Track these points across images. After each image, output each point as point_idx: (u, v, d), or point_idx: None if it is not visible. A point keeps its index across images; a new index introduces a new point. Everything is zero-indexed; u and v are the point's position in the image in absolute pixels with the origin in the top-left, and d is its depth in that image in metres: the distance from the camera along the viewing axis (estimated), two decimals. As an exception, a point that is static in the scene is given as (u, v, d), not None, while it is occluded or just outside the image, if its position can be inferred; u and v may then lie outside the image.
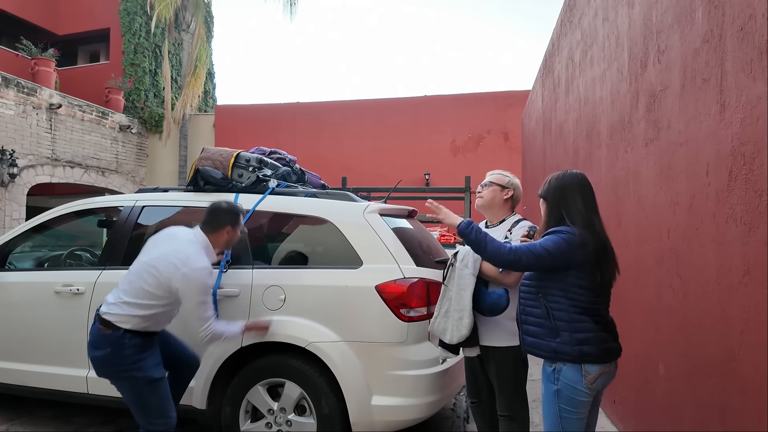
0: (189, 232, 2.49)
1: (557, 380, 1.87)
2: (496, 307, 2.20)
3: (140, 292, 2.33)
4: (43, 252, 3.89)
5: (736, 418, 1.77)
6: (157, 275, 2.31)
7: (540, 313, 1.93)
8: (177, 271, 2.28)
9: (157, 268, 2.32)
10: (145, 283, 2.32)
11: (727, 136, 1.79)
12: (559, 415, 1.87)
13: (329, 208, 2.90)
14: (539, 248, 1.86)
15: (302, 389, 2.62)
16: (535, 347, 1.95)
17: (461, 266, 2.25)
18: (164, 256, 2.34)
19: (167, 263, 2.31)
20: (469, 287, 2.20)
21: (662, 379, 2.45)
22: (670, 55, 2.31)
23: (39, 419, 3.45)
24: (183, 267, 2.28)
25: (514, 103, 11.28)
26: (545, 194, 2.02)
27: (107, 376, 2.39)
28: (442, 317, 2.27)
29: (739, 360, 1.75)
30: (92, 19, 13.97)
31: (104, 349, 2.32)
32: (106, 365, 2.35)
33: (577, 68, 4.31)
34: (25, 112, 10.11)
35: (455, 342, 2.22)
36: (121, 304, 2.35)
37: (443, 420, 3.56)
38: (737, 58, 1.72)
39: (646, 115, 2.63)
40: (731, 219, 1.77)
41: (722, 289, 1.85)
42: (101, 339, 2.33)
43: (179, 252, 2.33)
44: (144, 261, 2.40)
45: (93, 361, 2.39)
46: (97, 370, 2.40)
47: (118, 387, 2.40)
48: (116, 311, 2.34)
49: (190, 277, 2.28)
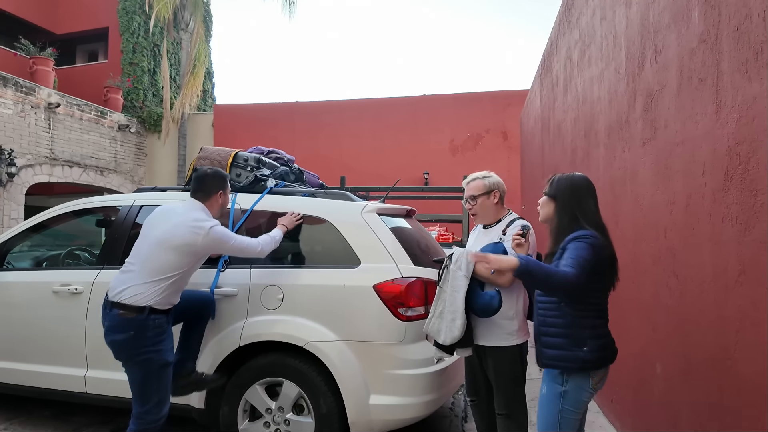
0: (185, 203, 2.54)
1: (566, 381, 1.87)
2: (488, 308, 2.20)
3: (159, 268, 2.37)
4: (41, 251, 3.89)
5: (733, 416, 1.78)
6: (177, 246, 2.38)
7: (563, 323, 1.88)
8: (198, 235, 2.38)
9: (175, 239, 2.38)
10: (164, 258, 2.38)
11: (723, 136, 1.80)
12: (560, 416, 1.87)
13: (327, 208, 2.91)
14: (582, 261, 1.79)
15: (300, 388, 2.62)
16: (560, 360, 1.87)
17: (454, 268, 2.25)
18: (178, 227, 2.41)
19: (185, 231, 2.39)
20: (462, 289, 2.21)
21: (659, 378, 2.46)
22: (667, 55, 2.32)
23: (37, 419, 3.46)
24: (202, 229, 2.39)
25: (513, 102, 11.29)
26: (555, 193, 2.00)
27: (125, 359, 2.40)
28: (437, 318, 2.27)
29: (735, 359, 1.75)
30: (91, 18, 13.95)
31: (127, 333, 2.34)
32: (128, 348, 2.36)
33: (576, 68, 4.32)
34: (24, 111, 10.10)
35: (448, 343, 2.22)
36: (137, 286, 2.36)
37: (441, 419, 3.56)
38: (733, 58, 1.73)
39: (643, 115, 2.64)
40: (727, 218, 1.78)
41: (718, 289, 1.86)
42: (124, 323, 2.34)
43: (190, 218, 2.43)
44: (155, 239, 2.42)
45: (113, 345, 2.39)
46: (116, 353, 2.41)
47: (131, 371, 2.40)
48: (136, 292, 2.35)
49: (214, 232, 2.42)
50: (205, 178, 2.58)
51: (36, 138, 10.40)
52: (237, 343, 2.70)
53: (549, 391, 1.91)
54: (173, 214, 2.50)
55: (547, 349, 1.91)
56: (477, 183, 2.46)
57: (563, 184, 1.99)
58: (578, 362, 1.85)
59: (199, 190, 2.57)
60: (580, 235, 1.87)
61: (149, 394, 2.38)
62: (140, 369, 2.37)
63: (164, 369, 2.41)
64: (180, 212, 2.50)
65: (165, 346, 2.42)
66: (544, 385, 1.95)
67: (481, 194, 2.43)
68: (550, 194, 2.02)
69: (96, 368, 2.96)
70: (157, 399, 2.40)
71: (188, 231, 2.39)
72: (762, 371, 1.57)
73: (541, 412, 1.94)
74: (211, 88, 15.80)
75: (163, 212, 2.56)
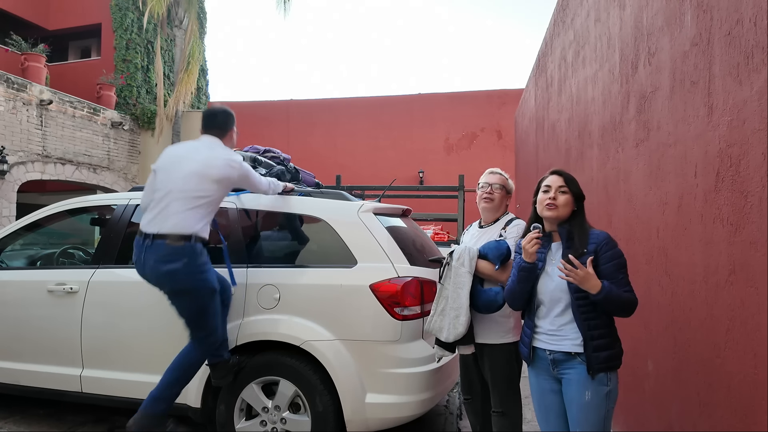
0: (205, 140, 2.62)
1: (609, 381, 1.88)
2: (493, 304, 2.23)
3: (197, 198, 2.45)
4: (35, 250, 3.87)
5: (722, 413, 1.81)
6: (217, 179, 2.49)
7: (603, 323, 1.91)
8: (234, 169, 2.53)
9: (213, 172, 2.48)
10: (202, 189, 2.46)
11: (714, 138, 1.83)
12: (606, 416, 1.87)
13: (323, 207, 2.92)
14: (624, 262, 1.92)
15: (297, 387, 2.64)
16: (613, 359, 1.89)
17: (457, 265, 2.27)
18: (215, 160, 2.51)
19: (223, 166, 2.51)
20: (466, 285, 2.23)
21: (650, 376, 2.49)
22: (660, 58, 2.35)
23: (32, 417, 3.45)
24: (236, 162, 2.55)
25: (508, 101, 11.33)
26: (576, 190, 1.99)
27: (182, 287, 2.43)
28: (438, 316, 2.30)
29: (725, 357, 1.79)
30: (83, 14, 13.82)
31: (181, 261, 2.38)
32: (182, 276, 2.40)
33: (570, 68, 4.35)
34: (15, 108, 10.00)
35: (452, 340, 2.24)
36: (178, 215, 2.41)
37: (437, 416, 3.59)
38: (725, 62, 1.76)
39: (636, 116, 2.67)
40: (718, 219, 1.81)
41: (709, 288, 1.89)
42: (175, 252, 2.38)
43: (223, 154, 2.55)
44: (191, 172, 2.47)
45: (170, 274, 2.40)
46: (170, 283, 2.43)
47: (182, 302, 2.44)
48: (178, 221, 2.41)
49: (244, 167, 2.60)
50: (221, 116, 2.66)
51: (28, 135, 10.30)
52: (234, 343, 2.71)
53: (596, 395, 1.85)
54: (199, 151, 2.55)
55: (598, 352, 1.87)
56: (503, 178, 2.52)
57: (571, 178, 2.01)
58: (620, 358, 1.92)
59: (214, 126, 2.63)
60: (607, 240, 1.92)
61: (207, 318, 2.46)
62: (196, 296, 2.43)
63: (214, 295, 2.49)
64: (206, 147, 2.56)
65: (212, 275, 2.50)
66: (587, 391, 1.86)
67: (505, 189, 2.48)
68: (575, 191, 1.99)
69: (92, 368, 2.96)
70: (213, 324, 2.48)
71: (225, 165, 2.51)
72: (750, 369, 1.61)
73: (587, 418, 1.86)
74: (206, 85, 15.72)
75: (185, 150, 2.60)
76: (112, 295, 2.98)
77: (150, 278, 2.47)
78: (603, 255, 1.89)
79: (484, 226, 2.50)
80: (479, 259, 2.29)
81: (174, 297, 2.45)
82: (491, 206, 2.45)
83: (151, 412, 2.44)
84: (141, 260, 2.44)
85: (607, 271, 1.87)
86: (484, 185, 2.48)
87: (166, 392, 2.47)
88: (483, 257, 2.30)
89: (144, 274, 2.47)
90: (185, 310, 2.45)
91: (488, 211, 2.48)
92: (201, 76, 14.79)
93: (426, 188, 9.06)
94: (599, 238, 1.93)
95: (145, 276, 2.48)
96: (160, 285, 2.44)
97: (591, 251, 1.90)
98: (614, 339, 1.95)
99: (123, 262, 3.08)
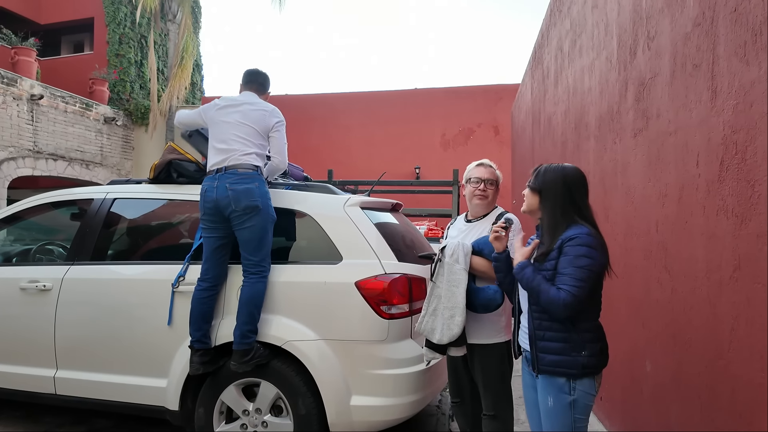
0: (250, 96, 2.81)
1: (573, 390, 1.72)
2: (491, 303, 2.11)
3: (255, 140, 2.70)
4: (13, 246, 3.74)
5: (725, 417, 1.70)
6: (264, 123, 2.74)
7: (561, 327, 1.73)
8: (279, 121, 2.79)
9: (265, 116, 2.74)
10: (253, 131, 2.71)
11: (718, 124, 1.71)
12: (574, 426, 1.72)
13: (308, 201, 2.79)
14: (582, 279, 1.65)
15: (278, 389, 2.52)
16: (559, 366, 1.72)
17: (451, 261, 2.14)
18: (262, 111, 2.75)
19: (270, 116, 2.76)
20: (462, 283, 2.10)
21: (649, 377, 2.38)
22: (660, 41, 2.22)
23: (8, 419, 3.33)
24: (279, 116, 2.80)
25: (505, 96, 11.19)
26: (540, 186, 1.83)
27: (253, 204, 2.56)
28: (430, 316, 2.16)
29: (728, 358, 1.67)
30: (75, 8, 13.63)
31: (254, 182, 2.60)
32: (255, 196, 2.58)
33: (566, 58, 4.22)
34: (5, 102, 9.84)
35: (445, 341, 2.10)
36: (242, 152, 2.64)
37: (428, 417, 3.48)
38: (730, 42, 1.63)
39: (635, 105, 2.55)
40: (722, 211, 1.69)
41: (712, 285, 1.77)
42: (247, 176, 2.61)
43: (273, 112, 2.80)
44: (250, 119, 2.71)
45: (246, 191, 2.56)
46: (246, 200, 2.54)
47: (251, 221, 2.56)
48: (244, 153, 2.64)
49: (283, 125, 2.84)
50: (261, 75, 2.91)
51: (18, 130, 10.14)
52: (213, 342, 2.58)
53: (557, 403, 1.74)
54: (252, 104, 2.77)
55: (544, 354, 1.75)
56: (493, 171, 2.37)
57: (550, 176, 1.83)
58: (579, 368, 1.70)
59: (257, 83, 2.88)
60: (578, 236, 1.70)
61: (265, 243, 2.58)
62: (260, 222, 2.57)
63: (273, 225, 2.64)
64: (256, 103, 2.79)
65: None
66: (549, 396, 1.76)
67: (494, 183, 2.34)
68: (535, 187, 1.86)
69: (66, 369, 2.84)
70: (267, 250, 2.59)
71: (272, 116, 2.77)
72: (757, 372, 1.49)
73: (552, 425, 1.76)
74: (200, 80, 15.54)
75: (236, 102, 2.77)
76: (88, 293, 2.85)
77: (223, 200, 2.56)
78: (565, 247, 1.73)
79: (472, 220, 2.37)
80: (473, 255, 2.17)
81: (244, 216, 2.56)
82: (485, 203, 2.33)
83: (245, 347, 2.47)
84: (213, 188, 2.59)
85: (560, 264, 1.72)
86: (475, 180, 2.34)
87: (246, 327, 2.49)
88: (477, 253, 2.17)
89: (216, 198, 2.58)
90: (252, 230, 2.56)
91: (480, 207, 2.35)
92: (195, 71, 14.60)
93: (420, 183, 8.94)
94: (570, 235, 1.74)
95: (217, 200, 2.57)
96: (236, 201, 2.55)
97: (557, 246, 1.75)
98: (575, 346, 1.72)
99: (99, 259, 2.96)
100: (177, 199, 2.99)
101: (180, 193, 2.97)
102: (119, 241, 3.20)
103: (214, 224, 2.62)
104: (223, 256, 2.64)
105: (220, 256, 2.63)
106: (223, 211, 2.58)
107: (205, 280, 2.59)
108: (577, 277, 1.67)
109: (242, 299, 2.52)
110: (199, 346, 2.53)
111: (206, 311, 2.58)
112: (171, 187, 3.01)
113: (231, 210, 2.56)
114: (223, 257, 2.65)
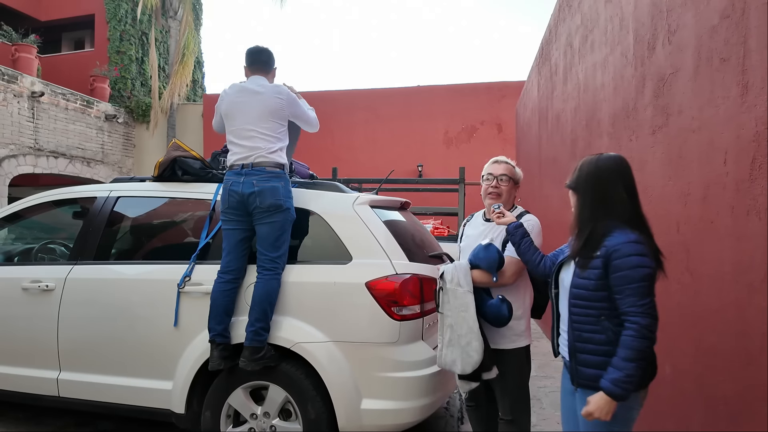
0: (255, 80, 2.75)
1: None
2: (500, 317, 2.04)
3: (272, 128, 2.66)
4: (15, 245, 3.68)
5: (753, 427, 1.63)
6: (280, 111, 2.68)
7: (603, 339, 1.59)
8: (288, 102, 2.72)
9: (281, 102, 2.68)
10: (271, 122, 2.66)
11: (749, 120, 1.64)
12: None
13: (316, 200, 2.73)
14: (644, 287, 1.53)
15: (287, 393, 2.46)
16: (598, 380, 1.57)
17: (453, 287, 2.06)
18: (274, 95, 2.68)
19: (287, 105, 2.72)
20: (471, 307, 2.02)
21: (669, 382, 2.31)
22: (682, 35, 2.15)
23: (11, 421, 3.28)
24: (289, 96, 2.74)
25: (509, 93, 11.10)
26: (575, 184, 1.68)
27: (277, 203, 2.54)
28: (447, 348, 2.08)
29: (759, 364, 1.60)
30: (76, 4, 13.54)
31: (279, 182, 2.59)
32: (281, 195, 2.56)
33: (577, 54, 4.14)
34: (6, 100, 9.77)
35: (469, 371, 2.03)
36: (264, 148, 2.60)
37: (437, 420, 3.43)
38: (763, 33, 1.56)
39: (653, 101, 2.47)
40: (753, 211, 1.62)
41: (740, 288, 1.71)
42: (273, 176, 2.59)
43: (278, 88, 2.75)
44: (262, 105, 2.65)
45: (272, 189, 2.55)
46: (271, 197, 2.53)
47: (273, 218, 2.53)
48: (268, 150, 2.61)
49: (297, 103, 2.81)
50: (265, 54, 2.81)
51: (19, 128, 10.08)
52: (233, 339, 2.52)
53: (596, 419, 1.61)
54: (264, 93, 2.69)
55: (584, 368, 1.62)
56: (509, 167, 2.28)
57: (585, 170, 1.69)
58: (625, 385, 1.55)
59: (262, 62, 2.79)
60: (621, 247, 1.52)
61: (283, 240, 2.55)
62: (281, 220, 2.55)
63: (291, 224, 2.60)
64: (267, 90, 2.70)
65: None
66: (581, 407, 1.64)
67: (513, 180, 2.26)
68: (570, 185, 1.71)
69: (69, 370, 2.78)
70: (285, 249, 2.57)
71: (283, 100, 2.69)
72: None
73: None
74: (201, 77, 15.47)
75: (248, 91, 2.70)
76: (91, 294, 2.79)
77: (249, 195, 2.54)
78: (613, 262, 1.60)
79: (490, 219, 2.30)
80: (472, 270, 2.10)
81: (267, 214, 2.53)
82: (498, 201, 2.25)
83: (257, 345, 2.42)
84: (239, 183, 2.57)
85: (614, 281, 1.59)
86: (488, 177, 2.27)
87: (259, 324, 2.44)
88: (475, 267, 2.12)
89: (242, 192, 2.54)
90: (272, 225, 2.54)
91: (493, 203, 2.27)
92: (197, 68, 14.52)
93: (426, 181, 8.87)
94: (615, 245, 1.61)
95: (242, 194, 2.54)
96: (262, 198, 2.54)
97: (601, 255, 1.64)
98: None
99: (103, 258, 2.90)
100: (182, 197, 2.93)
101: (185, 191, 2.91)
102: (123, 240, 3.14)
103: (238, 217, 2.58)
104: (244, 249, 2.60)
105: (241, 249, 2.59)
106: (248, 206, 2.55)
107: (227, 272, 2.54)
108: (641, 293, 1.54)
109: (255, 296, 2.47)
110: (221, 340, 2.47)
111: (228, 304, 2.52)
112: (176, 185, 2.95)
113: (255, 206, 2.54)
114: (245, 250, 2.60)
